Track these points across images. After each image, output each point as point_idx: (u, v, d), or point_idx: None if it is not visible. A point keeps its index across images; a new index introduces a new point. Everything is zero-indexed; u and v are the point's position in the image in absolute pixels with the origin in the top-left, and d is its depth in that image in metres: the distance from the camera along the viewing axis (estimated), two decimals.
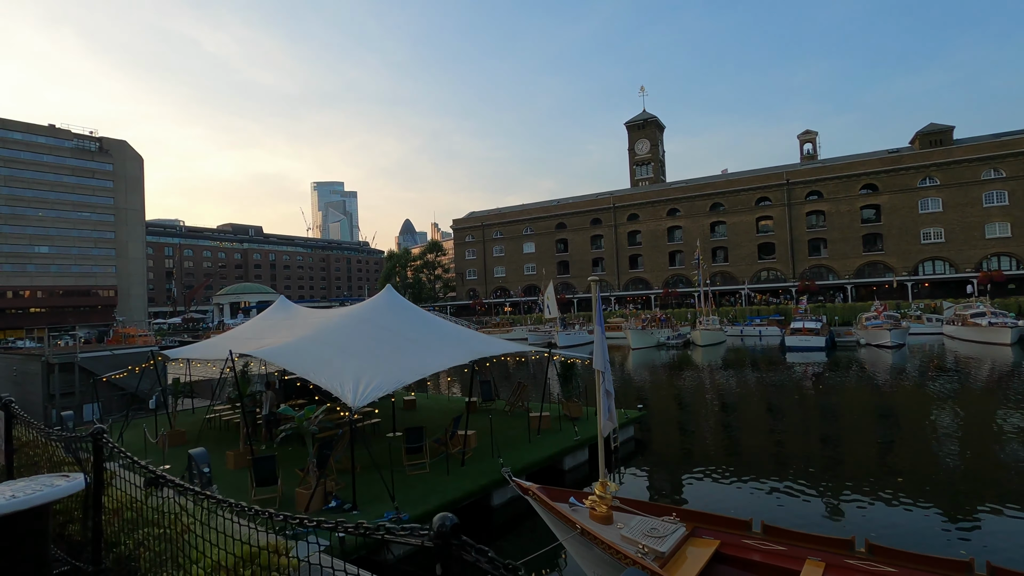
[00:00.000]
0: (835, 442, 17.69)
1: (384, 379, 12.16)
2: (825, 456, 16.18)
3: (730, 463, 15.78)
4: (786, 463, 15.61)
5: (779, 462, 15.77)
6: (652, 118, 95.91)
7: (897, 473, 13.95)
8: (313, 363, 13.32)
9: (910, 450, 16.13)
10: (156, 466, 4.97)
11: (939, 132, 67.74)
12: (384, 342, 14.66)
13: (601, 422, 8.33)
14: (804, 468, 14.80)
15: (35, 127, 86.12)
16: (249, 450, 14.37)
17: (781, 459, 16.12)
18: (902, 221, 66.21)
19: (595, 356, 8.18)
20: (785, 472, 14.54)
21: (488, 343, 16.53)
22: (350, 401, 11.20)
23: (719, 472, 14.77)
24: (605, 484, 8.17)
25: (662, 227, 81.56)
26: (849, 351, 43.51)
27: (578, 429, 15.84)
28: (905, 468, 14.38)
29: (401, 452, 13.27)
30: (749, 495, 13.03)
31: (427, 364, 13.41)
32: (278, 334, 16.69)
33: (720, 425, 21.21)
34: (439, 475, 12.79)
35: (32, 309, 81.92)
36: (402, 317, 16.63)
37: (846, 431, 19.00)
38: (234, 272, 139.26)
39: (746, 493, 13.15)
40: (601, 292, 47.89)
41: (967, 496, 12.28)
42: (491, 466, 13.21)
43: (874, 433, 18.31)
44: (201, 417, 20.74)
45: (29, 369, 22.08)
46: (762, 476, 14.22)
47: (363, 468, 12.35)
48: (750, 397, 26.34)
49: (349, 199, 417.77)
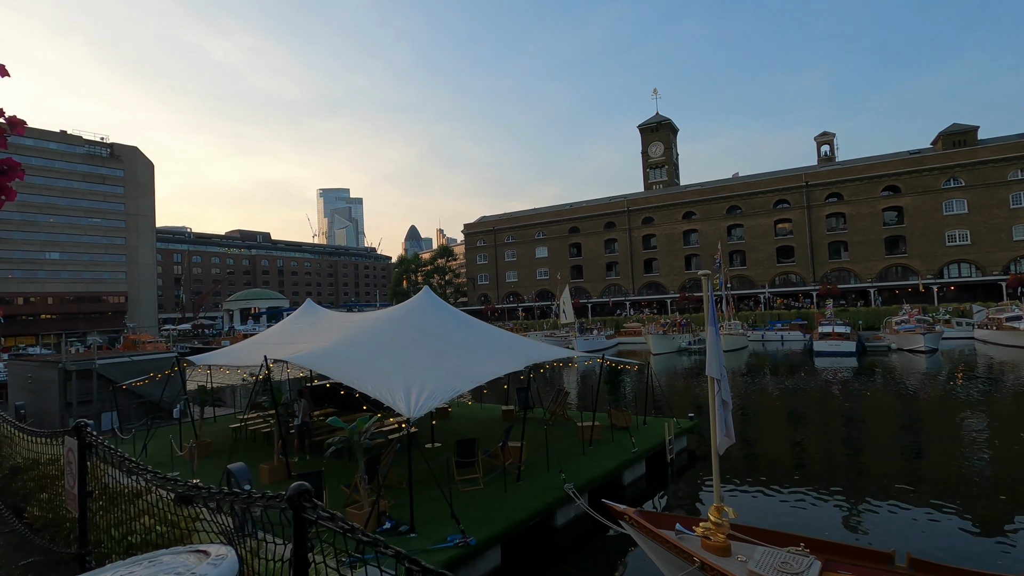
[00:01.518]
0: (906, 453, 16.49)
1: (436, 387, 11.13)
2: (899, 469, 14.97)
3: (791, 474, 14.71)
4: (856, 474, 14.45)
5: (847, 473, 14.60)
6: (666, 121, 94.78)
7: None
8: (357, 370, 12.32)
9: (1008, 463, 14.90)
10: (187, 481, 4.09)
11: (963, 132, 66.32)
12: (429, 347, 13.63)
13: (717, 438, 7.22)
14: (879, 481, 13.62)
15: (47, 133, 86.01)
16: (284, 463, 13.37)
17: (848, 470, 14.95)
18: (926, 223, 64.74)
19: (709, 361, 7.11)
20: (859, 485, 13.40)
21: (538, 348, 15.47)
22: (404, 411, 10.18)
23: (783, 484, 13.67)
24: (721, 509, 7.07)
25: (677, 230, 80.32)
26: (880, 356, 42.19)
27: (635, 440, 14.71)
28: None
29: (443, 466, 12.22)
30: (828, 511, 11.93)
31: (481, 371, 12.35)
32: (311, 339, 15.69)
33: (771, 434, 20.06)
34: (495, 491, 11.71)
35: (43, 316, 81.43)
36: (444, 320, 15.61)
37: (918, 442, 17.81)
38: (242, 279, 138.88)
39: (826, 510, 12.04)
40: (614, 297, 47.19)
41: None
42: (549, 481, 12.14)
43: (951, 443, 17.08)
44: (225, 427, 19.76)
45: (45, 376, 21.17)
46: (831, 489, 13.09)
47: (408, 485, 11.38)
48: (794, 404, 25.15)
49: (355, 205, 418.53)
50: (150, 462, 14.86)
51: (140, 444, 16.23)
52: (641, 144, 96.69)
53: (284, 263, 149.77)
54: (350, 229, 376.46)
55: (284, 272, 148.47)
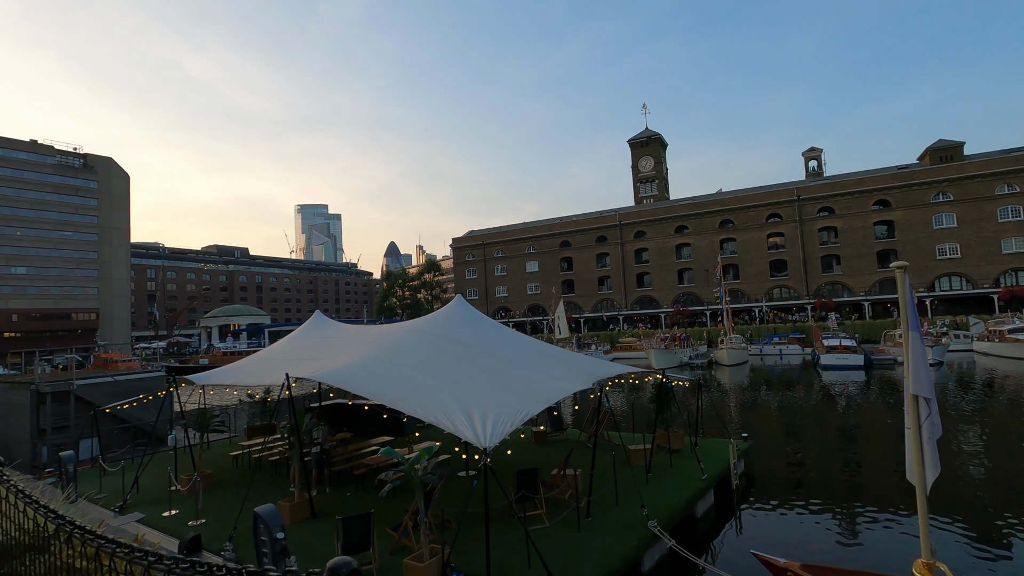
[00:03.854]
0: (972, 471, 15.18)
1: (502, 409, 9.41)
2: (973, 489, 13.63)
3: (859, 498, 13.34)
4: (943, 498, 13.05)
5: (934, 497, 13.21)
6: (656, 135, 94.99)
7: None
8: (401, 390, 10.54)
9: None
10: (189, 521, 2.63)
11: (949, 148, 67.48)
12: (478, 362, 11.93)
13: (923, 472, 5.66)
14: (972, 504, 12.24)
15: (16, 142, 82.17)
16: (308, 500, 11.44)
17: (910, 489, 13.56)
18: (917, 237, 65.30)
19: (915, 378, 5.58)
20: (954, 509, 12.00)
21: (597, 364, 13.85)
22: (473, 439, 8.45)
23: (860, 511, 12.26)
24: (932, 567, 5.50)
25: (670, 244, 79.85)
26: (887, 369, 41.55)
27: (704, 466, 13.12)
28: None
29: (484, 498, 10.44)
30: (905, 537, 10.45)
31: (546, 389, 10.66)
32: (332, 354, 13.83)
33: (815, 453, 18.69)
34: (566, 531, 9.99)
35: (6, 334, 76.75)
36: (484, 331, 13.93)
37: (966, 457, 16.55)
38: (219, 295, 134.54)
39: (902, 534, 10.56)
40: (607, 312, 45.96)
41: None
42: (623, 517, 10.48)
43: (998, 458, 15.87)
44: (221, 454, 17.59)
45: (14, 399, 18.75)
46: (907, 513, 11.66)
47: (456, 521, 9.70)
48: (823, 420, 23.94)
49: (333, 222, 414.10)
50: (143, 498, 12.71)
51: (131, 476, 14.05)
52: (631, 158, 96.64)
53: (263, 279, 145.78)
54: (328, 245, 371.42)
55: (263, 288, 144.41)
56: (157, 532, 11.16)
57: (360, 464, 14.08)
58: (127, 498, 12.83)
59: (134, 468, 14.89)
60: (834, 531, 11.54)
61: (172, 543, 10.52)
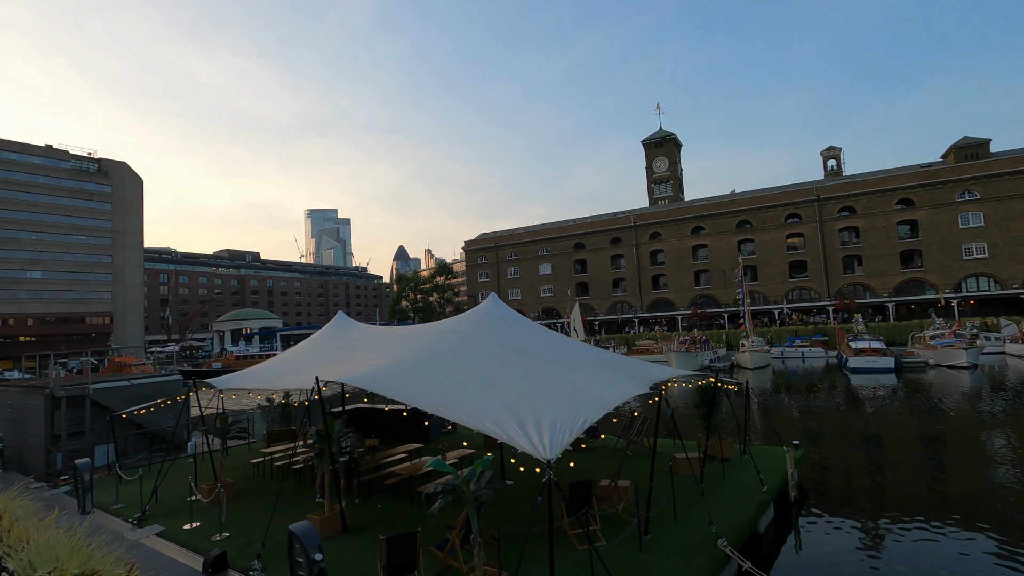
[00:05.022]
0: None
1: (556, 416, 8.52)
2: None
3: (921, 510, 12.28)
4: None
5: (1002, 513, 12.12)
6: (670, 135, 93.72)
7: None
8: (441, 395, 9.69)
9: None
10: (212, 535, 1.98)
11: (975, 145, 65.76)
12: (520, 365, 11.06)
13: None
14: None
15: (31, 147, 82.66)
16: (339, 513, 10.60)
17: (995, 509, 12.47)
18: (942, 236, 63.63)
19: None
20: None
21: (645, 366, 12.92)
22: (531, 450, 7.56)
23: (923, 524, 11.23)
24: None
25: (686, 246, 78.59)
26: (919, 372, 40.15)
27: (763, 477, 12.13)
28: None
29: (548, 516, 9.54)
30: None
31: (601, 393, 9.74)
32: (360, 357, 13.02)
33: (866, 461, 17.58)
34: (625, 550, 9.05)
35: (21, 338, 77.04)
36: (522, 332, 13.05)
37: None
38: (231, 299, 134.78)
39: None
40: (622, 314, 44.71)
41: None
42: (685, 535, 9.55)
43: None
44: (239, 461, 16.83)
45: (29, 404, 18.10)
46: (986, 529, 10.59)
47: (504, 536, 8.85)
48: (865, 426, 22.76)
49: (343, 226, 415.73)
50: (161, 509, 11.91)
51: (148, 484, 13.30)
52: (645, 159, 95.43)
53: (274, 283, 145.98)
54: (338, 250, 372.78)
55: (274, 292, 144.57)
56: (178, 547, 10.37)
57: (391, 473, 13.26)
58: (146, 509, 12.07)
59: (151, 476, 14.16)
60: (905, 550, 10.50)
61: (194, 559, 9.73)
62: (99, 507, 12.96)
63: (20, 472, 18.03)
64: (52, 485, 15.64)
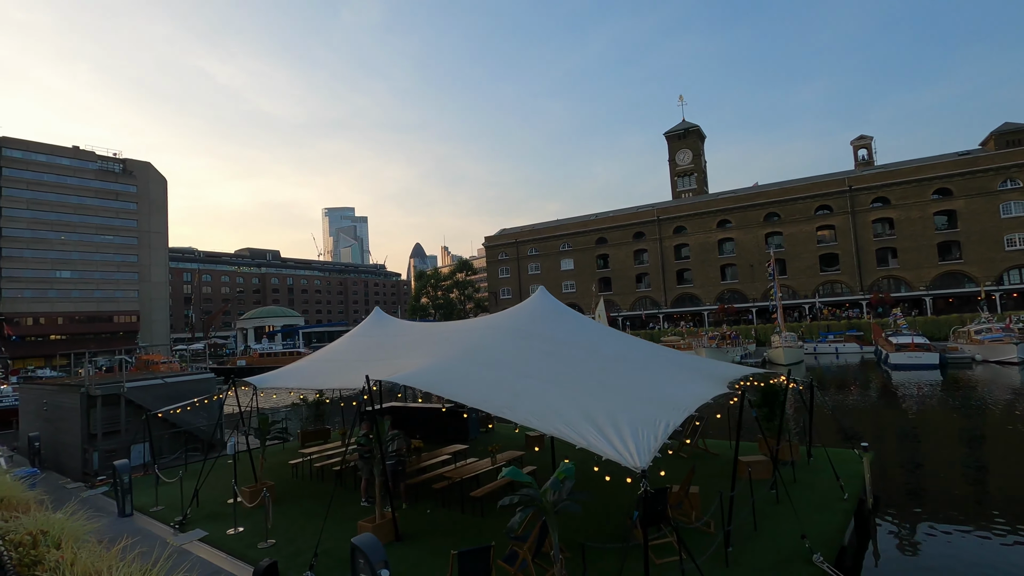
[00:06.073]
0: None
1: (634, 419, 7.73)
2: None
3: (1002, 514, 11.29)
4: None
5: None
6: (694, 127, 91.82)
7: None
8: (501, 395, 8.98)
9: None
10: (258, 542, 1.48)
11: (1017, 132, 63.12)
12: (580, 363, 10.30)
13: None
14: None
15: (59, 149, 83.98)
16: (391, 519, 9.96)
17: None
18: (982, 227, 61.21)
19: None
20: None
21: (712, 364, 12.08)
22: (618, 457, 6.81)
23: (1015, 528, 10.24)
24: None
25: (712, 239, 76.94)
26: (963, 368, 38.50)
27: (843, 484, 11.19)
28: None
29: (644, 532, 8.75)
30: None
31: (680, 395, 8.93)
32: (407, 354, 12.37)
33: (935, 462, 16.50)
34: (709, 566, 8.22)
35: (52, 336, 78.47)
36: (577, 328, 12.27)
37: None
38: (252, 297, 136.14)
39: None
40: (646, 310, 43.25)
41: None
42: (769, 546, 8.73)
43: None
44: (279, 461, 16.33)
45: (64, 403, 17.85)
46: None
47: (569, 552, 8.09)
48: (926, 425, 21.58)
49: (360, 224, 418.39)
50: (202, 512, 11.38)
51: (188, 485, 12.82)
52: (668, 152, 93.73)
53: (294, 281, 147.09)
54: (355, 248, 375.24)
55: (294, 290, 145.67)
56: (223, 554, 9.82)
57: (438, 476, 12.59)
58: (187, 512, 11.57)
59: (190, 477, 13.70)
60: (991, 556, 9.61)
61: (242, 569, 9.16)
62: (139, 510, 12.53)
63: (56, 471, 17.80)
64: (90, 485, 15.32)
